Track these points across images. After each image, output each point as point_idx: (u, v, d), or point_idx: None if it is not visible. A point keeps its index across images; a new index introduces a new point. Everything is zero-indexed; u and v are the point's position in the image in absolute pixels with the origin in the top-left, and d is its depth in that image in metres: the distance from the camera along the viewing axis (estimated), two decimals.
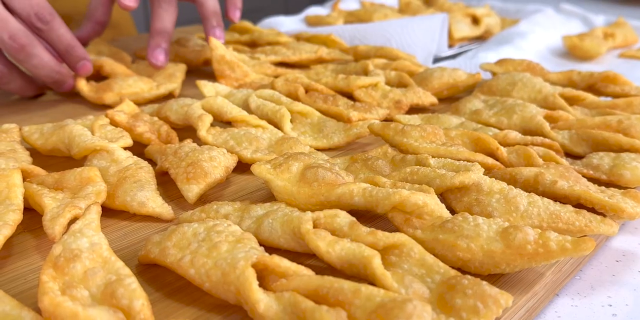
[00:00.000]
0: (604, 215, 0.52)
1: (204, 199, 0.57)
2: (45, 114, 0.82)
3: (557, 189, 0.54)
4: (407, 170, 0.55)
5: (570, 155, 0.67)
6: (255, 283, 0.39)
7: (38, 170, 0.56)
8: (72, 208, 0.48)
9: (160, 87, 0.83)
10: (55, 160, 0.65)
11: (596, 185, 0.57)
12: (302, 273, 0.41)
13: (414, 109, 0.82)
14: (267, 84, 0.82)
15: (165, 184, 0.60)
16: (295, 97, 0.77)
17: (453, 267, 0.45)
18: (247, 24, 1.18)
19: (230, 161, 0.58)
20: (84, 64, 0.81)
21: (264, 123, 0.68)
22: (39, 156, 0.66)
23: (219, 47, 0.80)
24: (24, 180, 0.55)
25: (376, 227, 0.52)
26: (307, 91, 0.79)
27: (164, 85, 0.83)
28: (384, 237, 0.44)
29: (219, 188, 0.59)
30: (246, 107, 0.74)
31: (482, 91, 0.82)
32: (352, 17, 1.43)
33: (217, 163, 0.56)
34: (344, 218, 0.46)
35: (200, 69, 1.02)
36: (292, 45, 1.02)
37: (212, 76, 0.92)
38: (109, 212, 0.54)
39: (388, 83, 0.87)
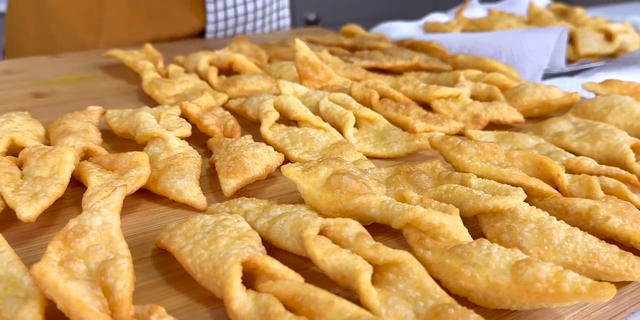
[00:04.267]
0: None
1: (244, 194, 0.59)
2: (144, 99, 0.88)
3: (607, 226, 0.48)
4: (443, 187, 0.52)
5: None
6: (237, 281, 0.40)
7: (100, 150, 0.61)
8: (110, 188, 0.51)
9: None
10: (131, 143, 0.70)
11: None
12: (290, 277, 0.41)
13: (499, 126, 0.78)
14: (348, 88, 0.81)
15: (215, 175, 0.62)
16: (369, 103, 0.76)
17: (457, 296, 0.42)
18: (355, 28, 1.18)
19: (274, 160, 0.59)
20: None
21: (326, 125, 0.68)
22: (116, 138, 0.71)
23: (303, 49, 0.81)
24: (87, 158, 0.60)
25: (400, 243, 0.51)
26: (382, 98, 0.78)
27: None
28: (385, 253, 0.42)
29: (262, 184, 0.60)
30: (318, 108, 0.74)
31: (575, 113, 0.76)
32: (473, 26, 1.38)
33: (258, 160, 0.58)
34: (353, 228, 0.45)
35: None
36: (391, 51, 1.01)
37: None
38: (152, 196, 0.57)
39: (477, 96, 0.83)
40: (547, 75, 1.07)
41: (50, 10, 1.18)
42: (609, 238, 0.49)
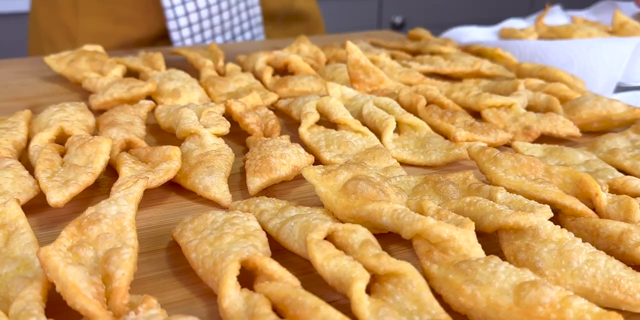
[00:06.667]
0: None
1: (270, 193, 0.59)
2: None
3: (637, 253, 0.45)
4: (466, 200, 0.51)
5: None
6: (231, 279, 0.40)
7: (141, 142, 0.63)
8: (135, 179, 0.53)
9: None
10: (175, 137, 0.72)
11: None
12: (286, 279, 0.41)
13: (554, 139, 0.74)
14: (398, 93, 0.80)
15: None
16: (415, 109, 0.75)
17: (458, 314, 0.41)
18: (423, 32, 1.16)
19: (303, 161, 0.59)
20: None
21: (364, 129, 0.67)
22: (163, 133, 0.74)
23: (355, 51, 0.80)
24: (128, 149, 0.63)
25: (413, 254, 0.49)
26: (430, 104, 0.76)
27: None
28: (386, 262, 0.41)
29: (289, 185, 0.61)
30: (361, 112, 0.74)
31: (636, 129, 0.71)
32: (552, 33, 1.31)
33: (285, 160, 0.58)
34: (360, 235, 0.45)
35: None
36: (453, 57, 0.98)
37: None
38: (182, 190, 0.59)
39: (535, 106, 0.80)
40: (621, 89, 1.01)
41: (38, 24, 1.28)
42: (636, 265, 0.46)
